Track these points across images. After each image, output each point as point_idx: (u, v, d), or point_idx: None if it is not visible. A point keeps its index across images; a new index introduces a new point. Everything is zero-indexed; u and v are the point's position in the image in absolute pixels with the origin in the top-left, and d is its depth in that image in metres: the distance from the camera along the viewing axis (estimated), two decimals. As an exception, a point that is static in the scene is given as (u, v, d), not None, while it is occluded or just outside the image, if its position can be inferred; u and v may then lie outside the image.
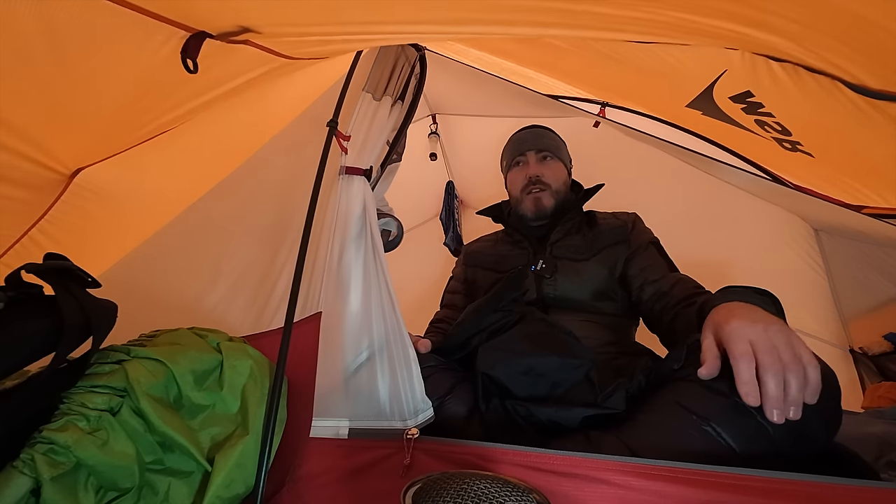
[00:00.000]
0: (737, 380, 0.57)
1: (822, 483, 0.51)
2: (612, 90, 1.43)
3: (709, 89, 0.86)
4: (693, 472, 0.54)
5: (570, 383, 0.75)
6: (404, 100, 1.00)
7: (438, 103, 2.17)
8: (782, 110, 0.80)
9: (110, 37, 0.69)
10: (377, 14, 0.74)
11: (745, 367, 0.56)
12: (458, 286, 1.27)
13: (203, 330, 0.70)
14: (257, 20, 0.75)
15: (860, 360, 1.54)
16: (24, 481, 0.45)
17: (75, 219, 1.05)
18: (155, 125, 0.96)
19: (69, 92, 0.76)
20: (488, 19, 0.79)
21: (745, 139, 1.10)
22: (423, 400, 0.73)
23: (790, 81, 0.66)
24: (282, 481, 0.65)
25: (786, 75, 0.66)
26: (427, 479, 0.50)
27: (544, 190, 1.16)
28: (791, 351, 0.56)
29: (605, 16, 0.62)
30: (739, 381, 0.56)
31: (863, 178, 1.12)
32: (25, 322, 0.52)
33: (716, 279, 0.96)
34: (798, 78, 0.64)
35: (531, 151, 1.20)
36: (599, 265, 1.06)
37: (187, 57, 0.74)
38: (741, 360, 0.57)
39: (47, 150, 0.87)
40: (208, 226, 1.05)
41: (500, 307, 0.91)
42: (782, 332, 0.59)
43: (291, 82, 1.10)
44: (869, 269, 1.47)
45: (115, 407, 0.54)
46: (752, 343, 0.58)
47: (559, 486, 0.56)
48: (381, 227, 1.03)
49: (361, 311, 0.78)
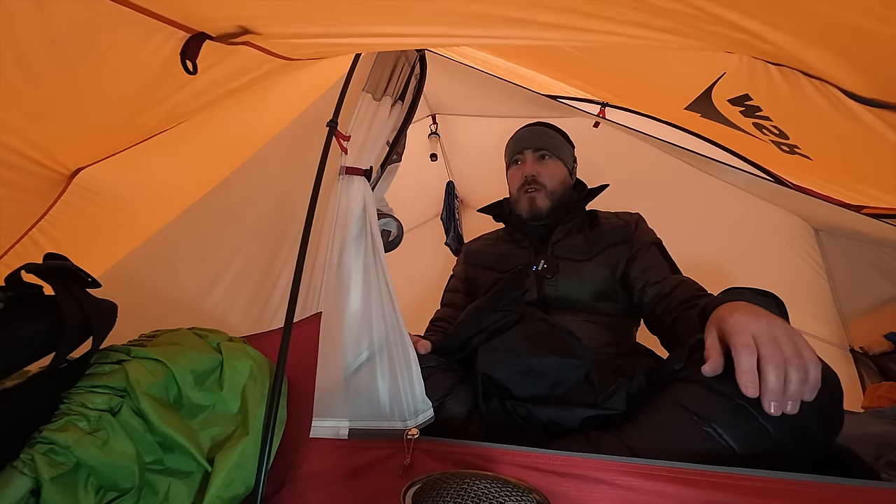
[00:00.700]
0: (737, 369, 0.56)
1: (822, 483, 0.51)
2: (611, 91, 1.43)
3: (707, 91, 0.86)
4: (693, 473, 0.54)
5: (571, 384, 0.75)
6: (404, 100, 1.00)
7: (438, 103, 2.17)
8: (779, 114, 0.80)
9: (110, 37, 0.69)
10: (377, 19, 0.74)
11: (746, 357, 0.56)
12: (459, 285, 1.26)
13: (203, 330, 0.70)
14: (257, 21, 0.75)
15: (860, 359, 1.54)
16: (24, 481, 0.45)
17: (75, 219, 1.05)
18: (154, 123, 0.96)
19: (68, 92, 0.76)
20: (486, 32, 0.80)
21: (745, 140, 1.10)
22: (423, 400, 0.73)
23: (787, 85, 0.66)
24: (282, 481, 0.65)
25: (783, 79, 0.65)
26: (427, 479, 0.50)
27: (539, 190, 1.15)
28: (793, 346, 0.56)
29: (603, 30, 0.62)
30: (740, 371, 0.56)
31: (862, 180, 1.12)
32: (25, 322, 0.52)
33: (715, 279, 0.96)
34: (795, 82, 0.64)
35: (529, 150, 1.20)
36: (601, 265, 1.06)
37: (187, 58, 0.74)
38: (743, 351, 0.57)
39: (46, 150, 0.87)
40: (208, 226, 1.05)
41: (500, 307, 0.91)
42: (785, 327, 0.59)
43: (292, 82, 1.10)
44: (869, 269, 1.48)
45: (115, 407, 0.54)
46: (754, 336, 0.58)
47: (559, 486, 0.56)
48: (381, 227, 1.03)
49: (361, 311, 0.78)
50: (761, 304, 0.67)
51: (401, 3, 0.60)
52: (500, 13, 0.67)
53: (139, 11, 0.67)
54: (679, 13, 0.55)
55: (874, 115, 0.63)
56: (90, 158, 0.98)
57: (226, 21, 0.74)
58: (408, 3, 0.61)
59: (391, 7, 0.66)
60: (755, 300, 0.68)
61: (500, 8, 0.65)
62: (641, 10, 0.57)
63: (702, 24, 0.57)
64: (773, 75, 0.66)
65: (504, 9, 0.65)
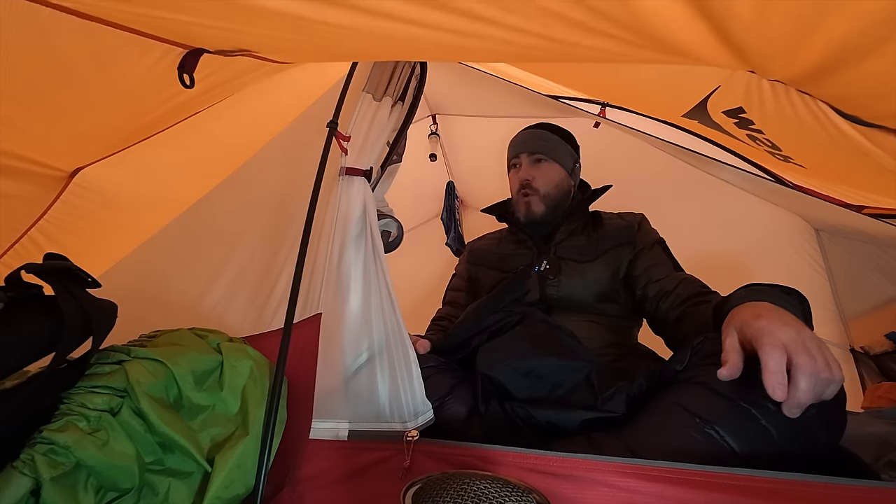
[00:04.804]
0: (764, 370, 0.54)
1: (822, 483, 0.51)
2: (610, 98, 1.43)
3: (703, 102, 0.86)
4: (694, 474, 0.54)
5: (571, 385, 0.75)
6: (404, 100, 1.00)
7: (438, 104, 2.17)
8: (771, 128, 0.80)
9: (109, 54, 0.70)
10: (374, 48, 0.75)
11: (776, 359, 0.54)
12: (461, 284, 1.26)
13: (203, 330, 0.70)
14: (257, 47, 0.75)
15: (861, 359, 1.54)
16: (24, 481, 0.45)
17: (75, 219, 1.06)
18: (154, 124, 0.96)
19: (68, 96, 0.76)
20: (481, 54, 0.79)
21: (742, 146, 1.10)
22: (423, 402, 0.73)
23: (778, 102, 0.65)
24: (281, 482, 0.65)
25: (774, 95, 0.65)
26: (427, 480, 0.50)
27: (533, 195, 1.15)
28: (824, 359, 0.55)
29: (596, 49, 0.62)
30: (768, 371, 0.53)
31: (857, 187, 1.12)
32: (25, 322, 0.52)
33: (716, 279, 0.96)
34: (788, 99, 0.64)
35: (524, 154, 1.20)
36: (604, 267, 1.05)
37: (184, 72, 0.74)
38: (772, 352, 0.54)
39: (45, 150, 0.88)
40: (208, 226, 1.05)
41: (501, 307, 0.91)
42: (815, 339, 0.57)
43: (292, 82, 1.10)
44: (869, 269, 1.47)
45: (115, 407, 0.54)
46: (784, 344, 0.55)
47: (560, 488, 0.56)
48: (382, 227, 1.03)
49: (361, 312, 0.78)
50: (786, 306, 0.64)
51: (398, 27, 0.60)
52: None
53: (137, 34, 0.67)
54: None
55: (868, 138, 0.63)
56: (89, 158, 0.99)
57: (225, 44, 0.74)
58: (405, 29, 0.61)
59: (387, 38, 0.66)
60: (780, 301, 0.65)
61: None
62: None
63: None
64: (765, 90, 0.65)
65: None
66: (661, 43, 0.55)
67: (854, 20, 0.41)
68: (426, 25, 0.58)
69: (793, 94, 0.63)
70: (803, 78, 0.57)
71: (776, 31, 0.48)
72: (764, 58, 0.56)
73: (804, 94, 0.62)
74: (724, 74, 0.70)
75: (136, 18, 0.63)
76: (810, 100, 0.62)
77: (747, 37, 0.50)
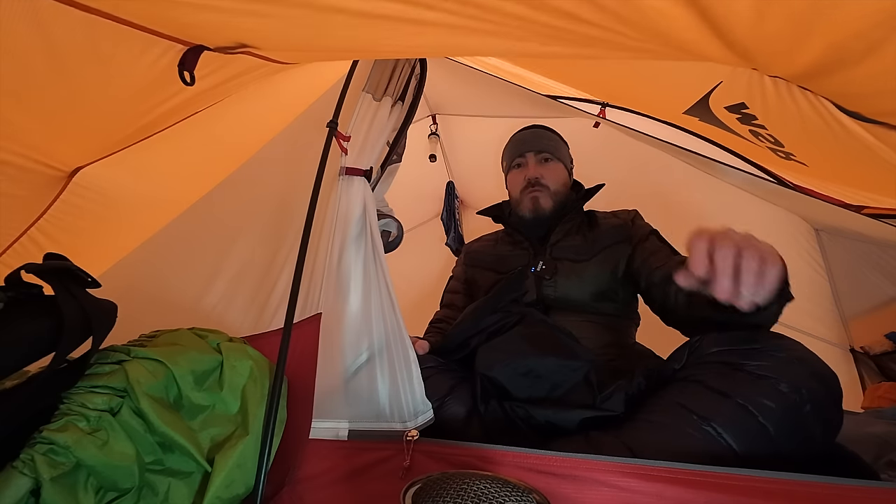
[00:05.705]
0: (689, 257, 0.58)
1: (822, 483, 0.51)
2: (611, 95, 1.43)
3: (705, 98, 0.86)
4: (693, 473, 0.54)
5: (569, 385, 0.75)
6: (404, 100, 1.00)
7: (438, 104, 2.17)
8: (774, 124, 0.80)
9: (108, 50, 0.70)
10: (375, 38, 0.74)
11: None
12: (459, 286, 1.26)
13: (203, 330, 0.70)
14: (257, 41, 0.75)
15: (861, 359, 1.54)
16: (24, 481, 0.46)
17: (75, 218, 1.05)
18: (154, 123, 0.96)
19: (67, 94, 0.76)
20: (480, 49, 0.79)
21: (744, 143, 1.10)
22: (423, 402, 0.73)
23: (781, 98, 0.66)
24: (281, 482, 0.65)
25: (776, 91, 0.65)
26: (427, 479, 0.50)
27: (543, 190, 1.16)
28: (747, 239, 0.58)
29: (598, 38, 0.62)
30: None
31: (858, 186, 1.12)
32: (25, 322, 0.52)
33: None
34: (790, 94, 0.64)
35: (531, 153, 1.20)
36: (600, 266, 1.05)
37: (185, 69, 0.74)
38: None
39: (45, 149, 0.87)
40: (209, 226, 1.05)
41: (499, 308, 0.91)
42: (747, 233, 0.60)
43: (292, 82, 1.10)
44: (869, 269, 1.47)
45: (115, 407, 0.54)
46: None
47: (560, 488, 0.56)
48: (381, 227, 1.03)
49: (361, 312, 0.78)
50: None
51: (398, 25, 0.60)
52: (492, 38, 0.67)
53: (138, 29, 0.67)
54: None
55: (871, 133, 0.63)
56: (89, 157, 0.98)
57: (225, 39, 0.74)
58: (403, 27, 0.61)
59: (389, 29, 0.66)
60: None
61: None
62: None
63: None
64: (767, 86, 0.65)
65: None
66: (666, 40, 0.55)
67: (851, 23, 0.42)
68: (433, 7, 0.58)
69: (795, 90, 0.63)
70: (803, 76, 0.58)
71: (775, 32, 0.48)
72: (764, 56, 0.56)
73: (806, 91, 0.62)
74: (727, 70, 0.70)
75: (135, 8, 0.63)
76: (812, 96, 0.62)
77: (747, 36, 0.51)
